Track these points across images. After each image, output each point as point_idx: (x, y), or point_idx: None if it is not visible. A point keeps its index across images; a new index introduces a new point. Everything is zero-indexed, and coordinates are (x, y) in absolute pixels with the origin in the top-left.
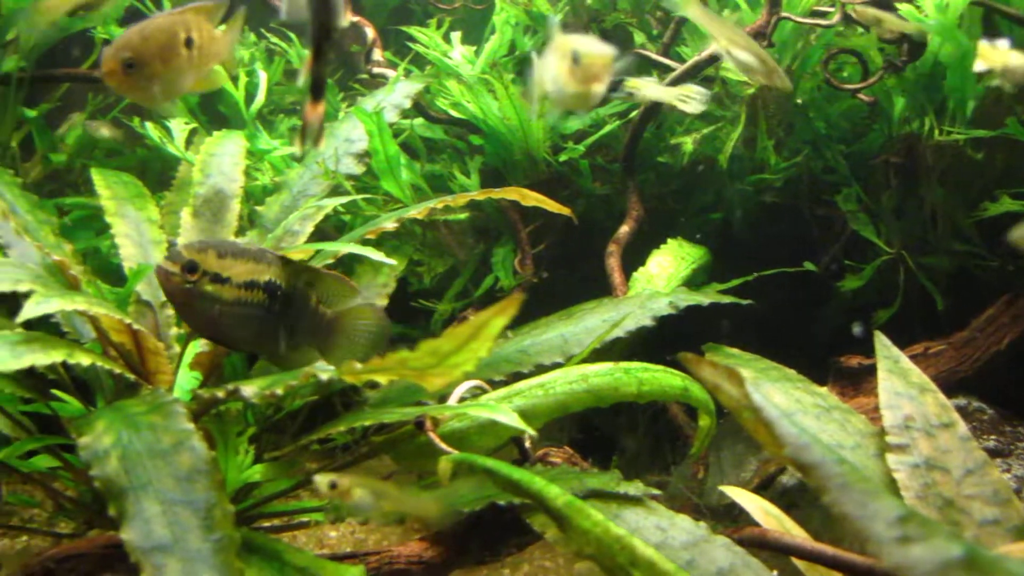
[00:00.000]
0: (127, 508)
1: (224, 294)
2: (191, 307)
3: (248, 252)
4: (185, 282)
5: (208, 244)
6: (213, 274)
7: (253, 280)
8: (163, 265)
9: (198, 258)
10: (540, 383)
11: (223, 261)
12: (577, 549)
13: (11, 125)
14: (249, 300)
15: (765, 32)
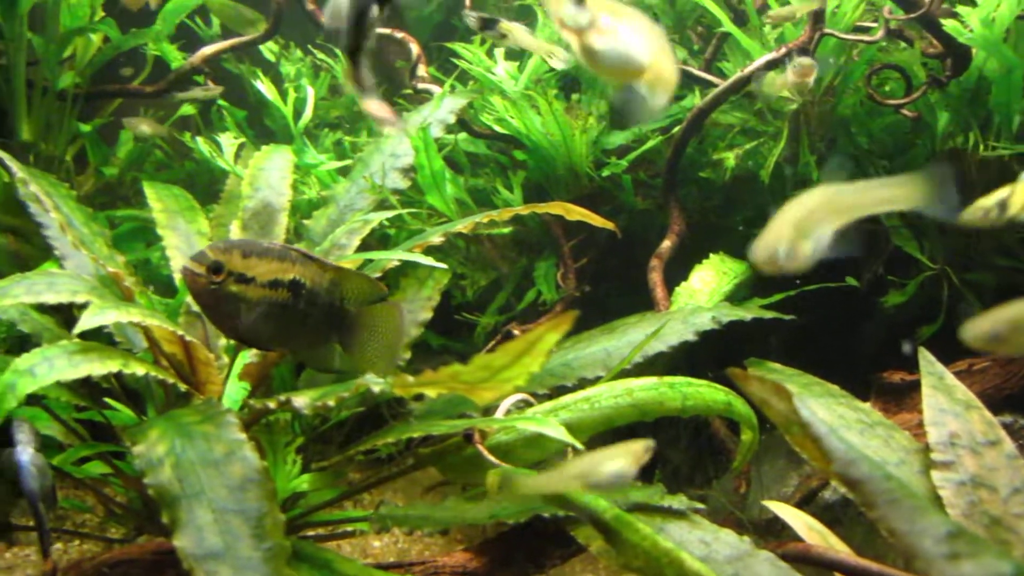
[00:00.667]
0: (180, 516)
1: (249, 293)
2: (217, 308)
3: (272, 251)
4: (211, 283)
5: (233, 244)
6: (238, 274)
7: (277, 279)
8: (189, 266)
9: (223, 258)
10: (586, 397)
11: (248, 261)
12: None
13: (66, 139)
14: (274, 299)
15: (808, 49)
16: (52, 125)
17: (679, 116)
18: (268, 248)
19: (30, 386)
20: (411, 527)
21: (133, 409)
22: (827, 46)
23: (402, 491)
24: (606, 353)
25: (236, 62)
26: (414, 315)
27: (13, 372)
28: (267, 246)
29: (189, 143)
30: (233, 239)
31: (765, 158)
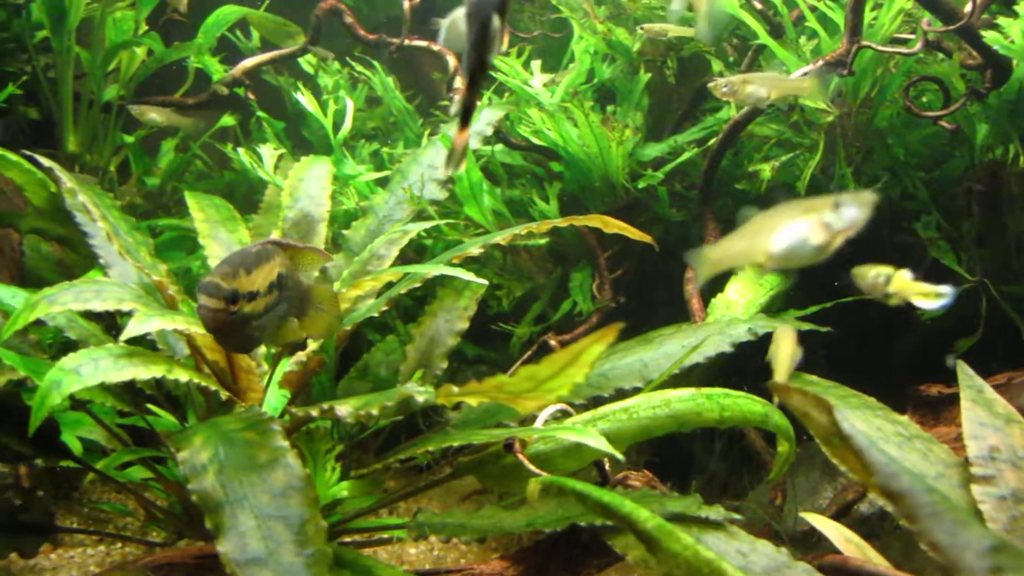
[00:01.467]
0: (223, 521)
1: (258, 307)
2: (235, 333)
3: (261, 255)
4: (230, 315)
5: (232, 264)
6: (248, 294)
7: (271, 282)
8: (206, 304)
9: (235, 285)
10: (624, 407)
11: (251, 277)
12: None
13: (110, 150)
14: (272, 302)
15: (846, 61)
16: (97, 136)
17: (715, 128)
18: (257, 254)
19: (75, 385)
20: (448, 535)
21: (175, 415)
22: (864, 58)
23: (437, 499)
24: (642, 364)
25: (275, 74)
26: (451, 324)
27: (59, 370)
28: (255, 252)
29: (231, 154)
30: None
31: (801, 170)
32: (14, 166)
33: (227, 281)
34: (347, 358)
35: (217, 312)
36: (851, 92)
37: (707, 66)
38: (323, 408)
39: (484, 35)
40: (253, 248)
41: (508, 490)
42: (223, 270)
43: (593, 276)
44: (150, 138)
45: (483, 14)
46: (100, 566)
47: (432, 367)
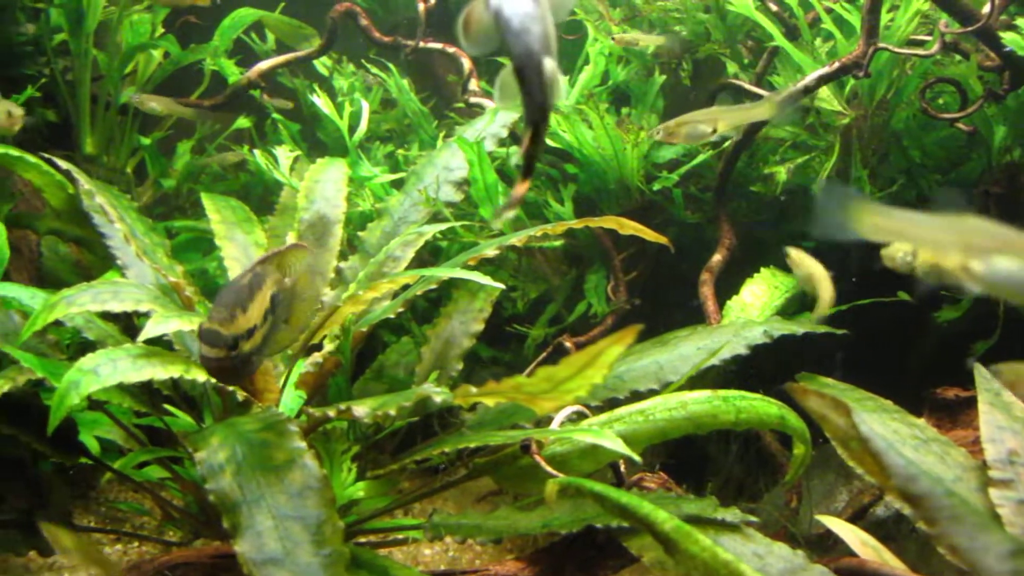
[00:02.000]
0: (240, 521)
1: (256, 341)
2: (238, 372)
3: (254, 285)
4: (231, 359)
5: (228, 306)
6: (246, 332)
7: (266, 310)
8: (209, 354)
9: (234, 329)
10: (640, 409)
11: (247, 315)
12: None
13: (127, 152)
14: (267, 329)
15: (862, 63)
16: (114, 138)
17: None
18: (250, 285)
19: (93, 385)
20: (464, 536)
21: (191, 416)
22: (880, 60)
23: (452, 500)
24: (658, 366)
25: (291, 76)
26: (466, 326)
27: (78, 371)
28: (248, 283)
29: (247, 156)
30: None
31: (816, 172)
32: (33, 168)
33: (227, 327)
34: (362, 359)
35: (221, 360)
36: (867, 94)
37: (722, 68)
38: (340, 409)
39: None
40: (245, 279)
41: (524, 491)
42: (221, 315)
43: (608, 278)
44: (166, 140)
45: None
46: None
47: (447, 368)
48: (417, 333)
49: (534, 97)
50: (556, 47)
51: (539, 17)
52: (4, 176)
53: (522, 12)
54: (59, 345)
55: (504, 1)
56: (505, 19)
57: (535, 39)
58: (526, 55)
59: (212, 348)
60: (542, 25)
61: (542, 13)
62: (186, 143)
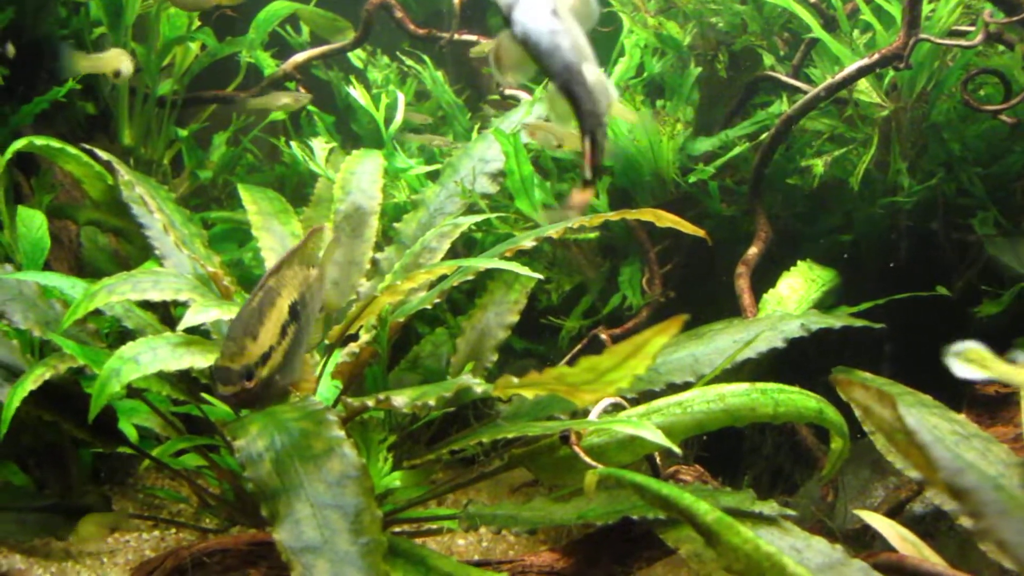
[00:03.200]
0: (279, 510)
1: (276, 360)
2: (261, 398)
3: (264, 304)
4: (248, 389)
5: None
6: (261, 358)
7: (283, 322)
8: (225, 392)
9: (246, 359)
10: (678, 401)
11: (258, 341)
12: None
13: (164, 143)
14: (290, 341)
15: (902, 55)
16: (151, 130)
17: (767, 122)
18: (260, 307)
19: (134, 372)
20: (499, 526)
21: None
22: (921, 51)
23: (486, 491)
24: (694, 359)
25: (325, 69)
26: (501, 318)
27: (119, 359)
28: (257, 305)
29: (283, 147)
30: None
31: (854, 165)
32: (72, 159)
33: (237, 361)
34: (396, 351)
35: (239, 394)
36: (907, 86)
37: (759, 60)
38: (379, 398)
39: (586, 92)
40: (255, 300)
41: (561, 482)
42: (230, 350)
43: (642, 270)
44: (202, 132)
45: (575, 73)
46: (155, 550)
47: (482, 360)
48: (452, 324)
49: (584, 107)
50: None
51: (565, 31)
52: (45, 167)
53: (548, 31)
54: (99, 334)
55: (528, 26)
56: (534, 43)
57: (568, 52)
58: (565, 70)
59: (226, 386)
60: (570, 37)
61: (567, 26)
62: (222, 135)
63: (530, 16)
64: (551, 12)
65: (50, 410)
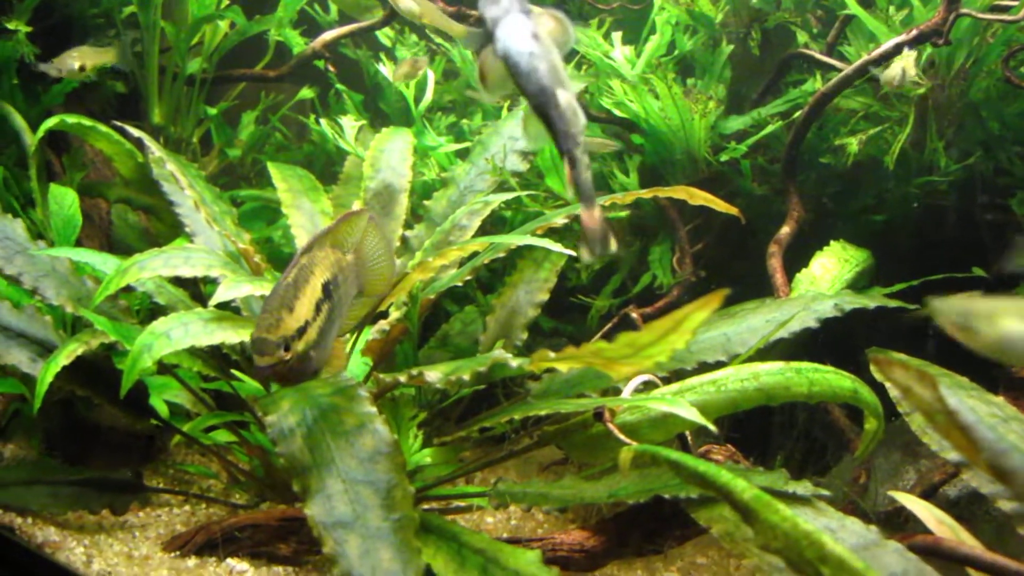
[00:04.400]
0: (311, 485)
1: (311, 336)
2: (295, 373)
3: (300, 280)
4: (286, 361)
5: (272, 309)
6: (297, 331)
7: (318, 300)
8: (262, 364)
9: (284, 331)
10: (712, 380)
11: (295, 313)
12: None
13: (193, 122)
14: (324, 319)
15: (941, 31)
16: (181, 109)
17: (800, 100)
18: (295, 282)
19: (165, 348)
20: (529, 504)
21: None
22: (960, 27)
23: (515, 470)
24: (726, 338)
25: (354, 47)
26: (531, 296)
27: (150, 334)
28: (293, 279)
29: (313, 125)
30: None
31: (889, 144)
32: (103, 137)
33: (274, 332)
34: (425, 329)
35: (275, 367)
36: (945, 63)
37: (792, 37)
38: (412, 374)
39: (560, 114)
40: (290, 276)
41: (592, 460)
42: (267, 322)
43: (673, 249)
44: (231, 110)
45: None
46: (186, 525)
47: (512, 338)
48: (482, 302)
49: (557, 127)
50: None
51: (543, 54)
52: (76, 146)
53: (527, 52)
54: (130, 310)
55: (510, 46)
56: (514, 63)
57: (544, 76)
58: (540, 92)
59: (263, 357)
60: (547, 61)
61: (546, 49)
62: (250, 113)
63: (512, 37)
64: (532, 35)
65: (82, 385)
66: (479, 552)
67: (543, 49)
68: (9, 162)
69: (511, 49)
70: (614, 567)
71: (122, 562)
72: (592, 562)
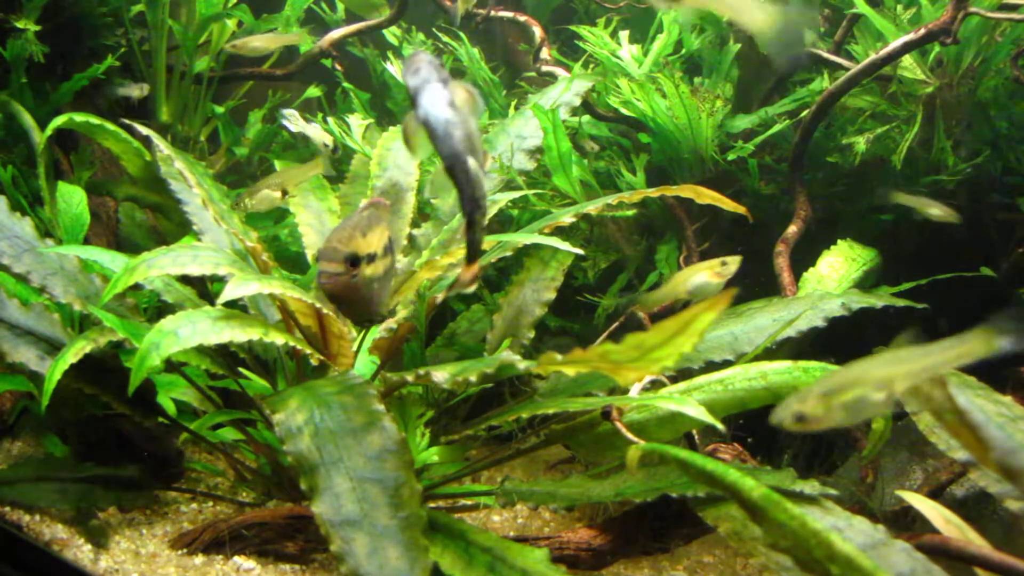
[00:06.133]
0: (318, 483)
1: (377, 270)
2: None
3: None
4: (351, 277)
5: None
6: (367, 256)
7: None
8: (326, 268)
9: (354, 247)
10: (719, 379)
11: (367, 239)
12: (772, 542)
13: (201, 121)
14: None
15: (949, 30)
16: (188, 107)
17: (807, 99)
18: (369, 217)
19: (174, 346)
20: (536, 503)
21: (266, 379)
22: (968, 26)
23: (521, 468)
24: (733, 337)
25: (361, 46)
26: (538, 295)
27: (158, 332)
28: (367, 215)
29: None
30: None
31: (896, 143)
32: (111, 135)
33: (345, 244)
34: (431, 327)
35: (339, 276)
36: (953, 62)
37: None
38: (419, 373)
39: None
40: (364, 211)
41: (599, 459)
42: (339, 235)
43: (679, 248)
44: (239, 109)
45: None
46: (192, 523)
47: (519, 337)
48: (489, 301)
49: (464, 190)
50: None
51: (459, 123)
52: (84, 144)
53: (444, 119)
54: (137, 308)
55: (429, 112)
56: (431, 127)
57: (457, 142)
58: (452, 156)
59: (330, 263)
60: (463, 129)
61: (462, 119)
62: (257, 112)
63: (431, 105)
64: (449, 104)
65: (90, 383)
66: (486, 550)
67: (460, 117)
68: (18, 160)
69: (430, 116)
70: (621, 565)
71: (129, 559)
72: (599, 560)
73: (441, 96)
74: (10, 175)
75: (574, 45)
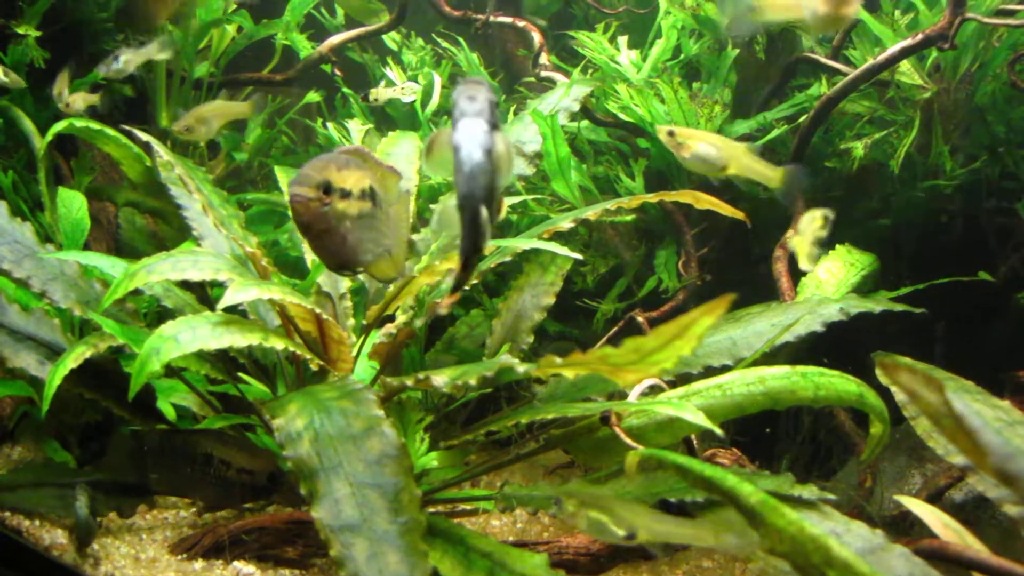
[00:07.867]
0: (318, 488)
1: (352, 209)
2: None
3: (351, 161)
4: (323, 204)
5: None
6: (341, 190)
7: (363, 189)
8: (298, 192)
9: (326, 176)
10: (718, 384)
11: (342, 174)
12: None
13: None
14: (366, 210)
15: (947, 35)
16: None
17: (805, 105)
18: (346, 158)
19: (174, 351)
20: (535, 507)
21: (266, 384)
22: (966, 31)
23: (520, 473)
24: (731, 342)
25: (360, 51)
26: (537, 300)
27: (159, 337)
28: (344, 156)
29: (320, 129)
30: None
31: (894, 148)
32: (111, 141)
33: (318, 172)
34: (431, 332)
35: (310, 201)
36: (951, 67)
37: (797, 42)
38: (419, 378)
39: (475, 224)
40: (341, 152)
41: (598, 464)
42: (314, 164)
43: (679, 254)
44: None
45: (474, 205)
46: (192, 528)
47: (518, 342)
48: (488, 306)
49: (467, 234)
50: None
51: (488, 170)
52: (84, 149)
53: (475, 161)
54: (137, 313)
55: (463, 145)
56: (459, 160)
57: (479, 187)
58: (469, 198)
59: (301, 186)
60: (489, 178)
61: (492, 168)
62: (257, 117)
63: (469, 140)
64: (486, 148)
65: (90, 388)
66: (486, 555)
67: (490, 166)
68: (18, 165)
69: (463, 151)
70: (619, 570)
71: (129, 564)
72: (598, 565)
73: (484, 138)
74: (11, 180)
75: (573, 50)
